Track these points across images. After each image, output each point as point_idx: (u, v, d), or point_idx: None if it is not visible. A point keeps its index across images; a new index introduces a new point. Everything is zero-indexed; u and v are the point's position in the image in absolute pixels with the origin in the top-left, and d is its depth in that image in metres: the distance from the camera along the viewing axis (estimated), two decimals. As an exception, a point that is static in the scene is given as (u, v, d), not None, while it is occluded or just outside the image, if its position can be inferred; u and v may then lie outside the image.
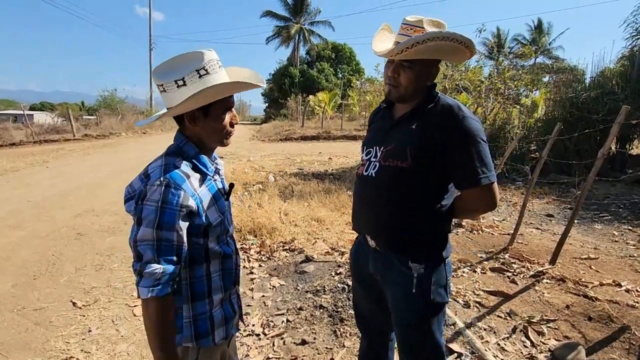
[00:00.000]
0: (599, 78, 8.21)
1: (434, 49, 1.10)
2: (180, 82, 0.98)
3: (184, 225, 0.97)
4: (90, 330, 2.40)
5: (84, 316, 2.57)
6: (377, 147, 1.27)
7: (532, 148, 8.02)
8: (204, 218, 1.02)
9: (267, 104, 40.11)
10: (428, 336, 1.24)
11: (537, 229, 4.65)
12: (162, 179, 0.94)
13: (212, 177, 1.11)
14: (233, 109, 1.09)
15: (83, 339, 2.31)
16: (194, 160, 1.04)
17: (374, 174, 1.24)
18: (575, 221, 4.08)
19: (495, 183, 1.15)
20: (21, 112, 19.37)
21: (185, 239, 0.98)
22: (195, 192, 1.00)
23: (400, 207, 1.20)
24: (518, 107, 8.39)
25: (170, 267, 0.94)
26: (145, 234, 0.92)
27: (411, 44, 1.08)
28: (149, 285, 0.92)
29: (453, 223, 1.31)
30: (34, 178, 7.35)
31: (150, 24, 28.67)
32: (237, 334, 2.30)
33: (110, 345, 2.26)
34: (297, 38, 35.47)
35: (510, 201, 6.04)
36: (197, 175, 1.04)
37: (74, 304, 2.73)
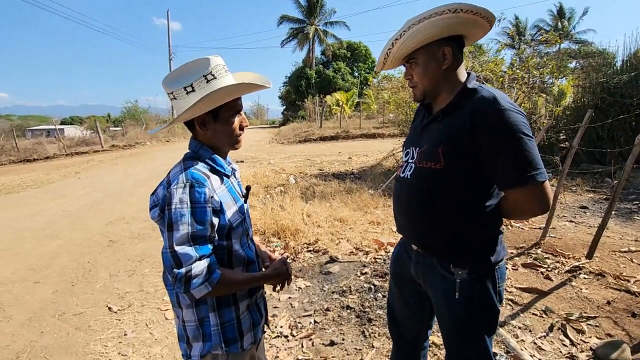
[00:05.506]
0: (632, 60, 7.74)
1: (417, 33, 1.07)
2: (189, 89, 1.01)
3: (215, 220, 1.00)
4: (126, 334, 2.49)
5: (119, 320, 2.68)
6: (413, 148, 1.23)
7: (562, 137, 7.67)
8: (226, 218, 1.04)
9: (284, 107, 40.42)
10: (469, 343, 1.18)
11: (571, 221, 4.44)
12: (184, 179, 0.97)
13: (229, 178, 1.13)
14: (242, 113, 1.11)
15: (120, 342, 2.40)
16: (210, 162, 1.07)
17: (409, 176, 1.20)
18: (613, 212, 3.87)
19: (547, 182, 1.01)
20: (53, 126, 20.49)
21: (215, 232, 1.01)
22: (216, 191, 1.02)
23: (437, 210, 1.13)
24: (544, 96, 8.02)
25: (212, 258, 0.98)
26: (181, 237, 0.93)
27: (390, 44, 1.13)
28: (203, 282, 0.94)
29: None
30: (67, 189, 7.73)
31: (169, 36, 29.61)
32: (266, 335, 2.32)
33: (145, 348, 2.34)
34: (312, 39, 35.57)
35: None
36: (216, 177, 1.06)
37: (109, 308, 2.84)
